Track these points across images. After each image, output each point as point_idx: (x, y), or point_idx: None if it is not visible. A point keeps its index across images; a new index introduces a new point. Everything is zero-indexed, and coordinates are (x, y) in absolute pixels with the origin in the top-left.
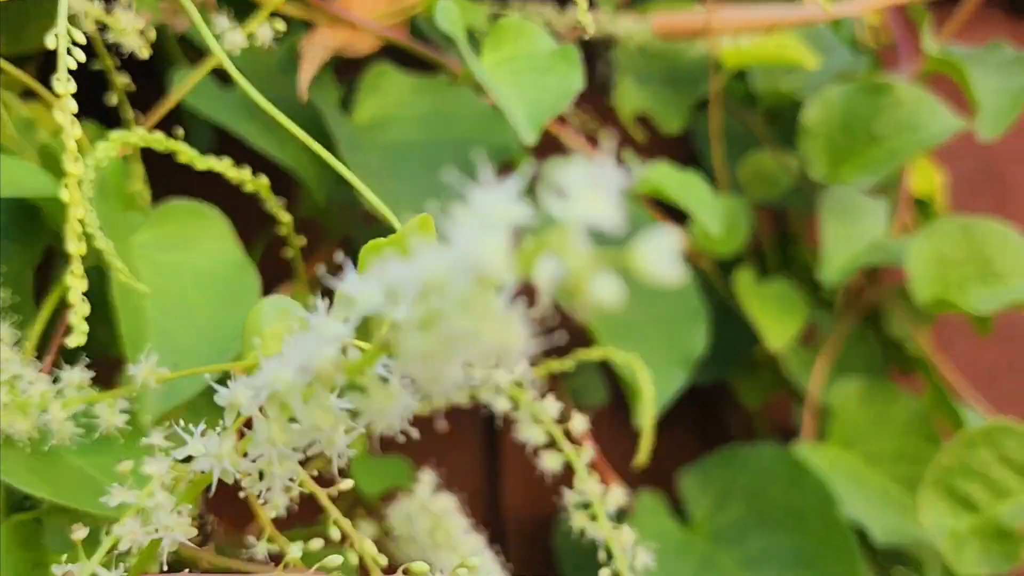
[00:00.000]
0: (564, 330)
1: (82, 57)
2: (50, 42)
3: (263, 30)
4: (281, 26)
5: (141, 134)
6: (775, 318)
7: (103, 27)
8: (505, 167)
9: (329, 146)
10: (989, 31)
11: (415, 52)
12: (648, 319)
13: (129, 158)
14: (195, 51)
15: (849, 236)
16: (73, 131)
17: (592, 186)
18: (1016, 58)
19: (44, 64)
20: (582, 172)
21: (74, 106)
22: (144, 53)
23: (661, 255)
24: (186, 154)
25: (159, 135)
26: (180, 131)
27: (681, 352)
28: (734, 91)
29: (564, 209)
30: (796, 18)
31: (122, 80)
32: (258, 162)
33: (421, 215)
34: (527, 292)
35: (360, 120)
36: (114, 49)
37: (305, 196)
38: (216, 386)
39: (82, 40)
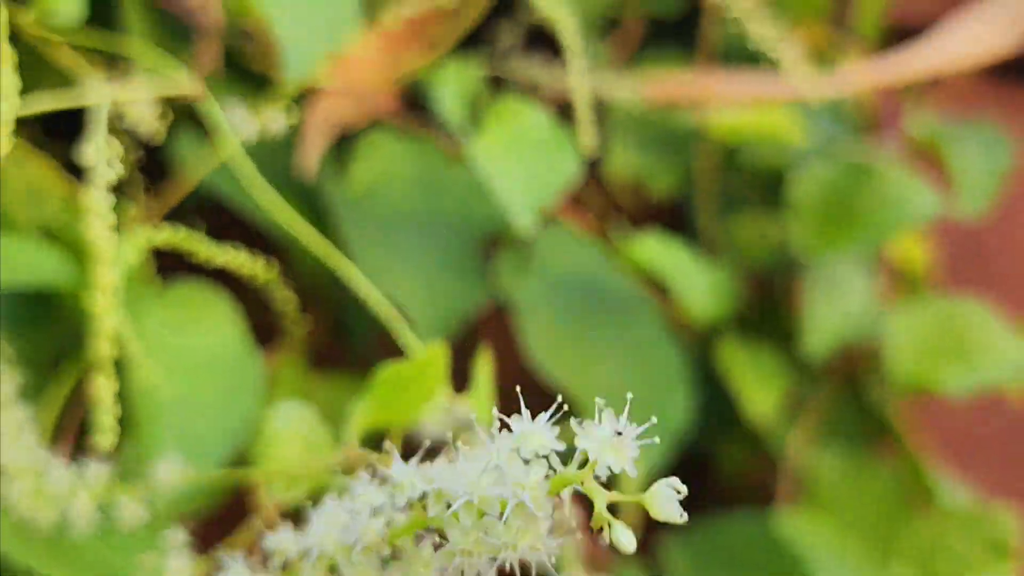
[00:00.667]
0: (544, 396)
1: (121, 170)
2: (88, 156)
3: (276, 119)
4: (295, 119)
5: (167, 232)
6: (757, 386)
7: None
8: (496, 236)
9: (324, 212)
10: (977, 98)
11: (414, 127)
12: (632, 390)
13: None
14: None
15: (832, 309)
16: (110, 239)
17: (616, 440)
18: (997, 136)
19: (47, 121)
20: (609, 427)
21: (113, 219)
22: (159, 138)
23: (668, 502)
24: (205, 251)
25: (182, 232)
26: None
27: (664, 425)
28: (723, 156)
29: (591, 452)
30: (784, 94)
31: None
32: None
33: (432, 347)
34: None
35: (354, 187)
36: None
37: (299, 264)
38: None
39: (120, 152)
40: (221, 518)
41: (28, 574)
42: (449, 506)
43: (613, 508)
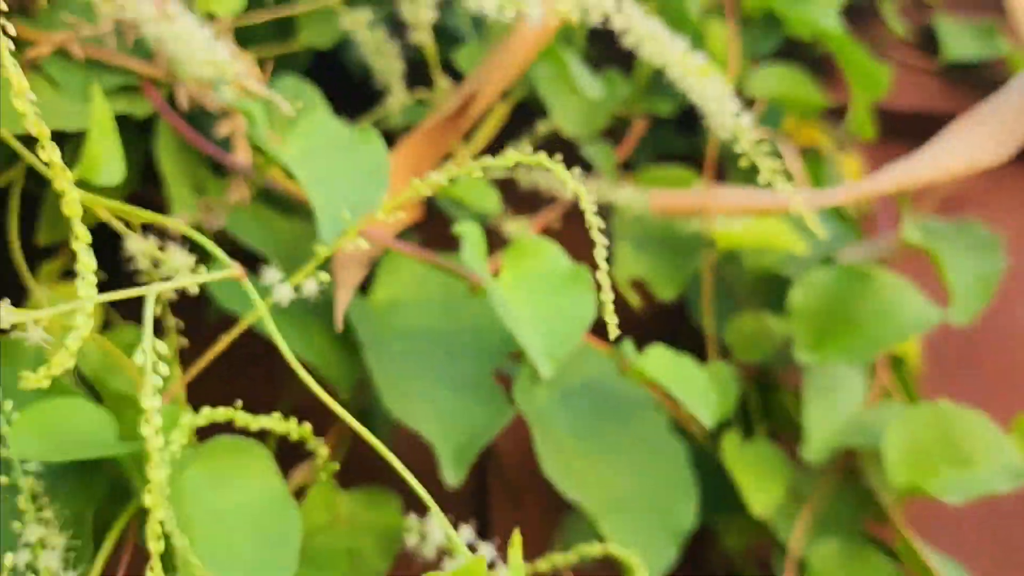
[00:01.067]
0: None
1: (166, 372)
2: (137, 359)
3: (309, 282)
4: (326, 278)
5: (208, 413)
6: (759, 483)
7: (156, 263)
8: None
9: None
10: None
11: (438, 264)
12: (639, 492)
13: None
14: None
15: (831, 415)
16: (161, 441)
17: None
18: (988, 238)
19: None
20: None
21: (159, 421)
22: (194, 291)
23: None
24: (243, 419)
25: (221, 409)
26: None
27: (672, 527)
28: (726, 257)
29: None
30: (785, 205)
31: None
32: None
33: (473, 560)
34: None
35: (376, 302)
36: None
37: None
38: None
39: (166, 353)
40: None
41: None
42: None
43: None
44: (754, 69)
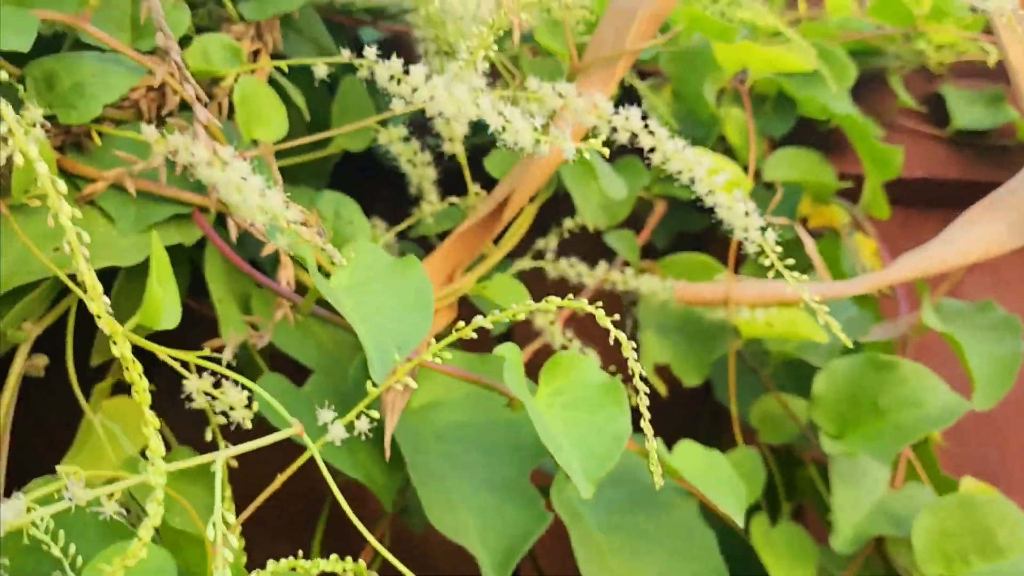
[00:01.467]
0: None
1: (235, 544)
2: (208, 533)
3: (362, 420)
4: (376, 415)
5: (272, 568)
6: (789, 568)
7: (213, 398)
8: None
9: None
10: None
11: (478, 383)
12: None
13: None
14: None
15: (857, 500)
16: None
17: None
18: (1006, 320)
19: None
20: None
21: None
22: (247, 424)
23: None
24: (303, 567)
25: (285, 562)
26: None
27: None
28: (749, 342)
29: None
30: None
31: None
32: None
33: None
34: None
35: (414, 402)
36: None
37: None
38: None
39: (234, 522)
40: None
41: None
42: None
43: None
44: (770, 154)
